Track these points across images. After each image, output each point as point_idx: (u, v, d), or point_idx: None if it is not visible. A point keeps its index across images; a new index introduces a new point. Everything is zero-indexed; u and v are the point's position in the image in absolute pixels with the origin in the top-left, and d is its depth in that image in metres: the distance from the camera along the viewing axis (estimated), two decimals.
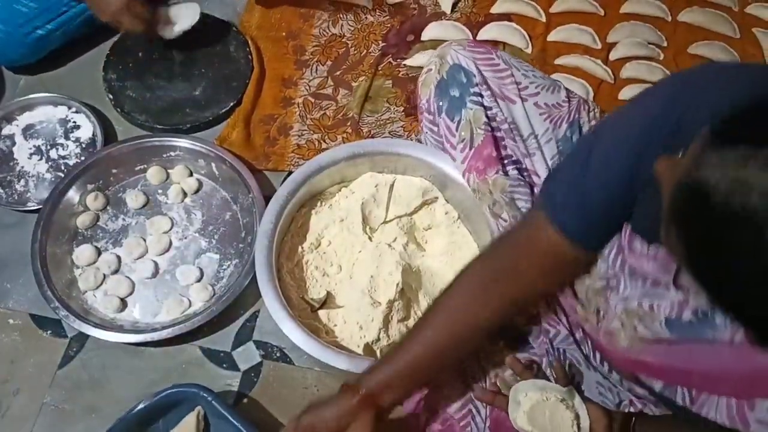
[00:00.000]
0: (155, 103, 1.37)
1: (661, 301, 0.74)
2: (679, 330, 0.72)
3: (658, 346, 0.76)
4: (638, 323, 0.76)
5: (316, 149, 1.34)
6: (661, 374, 0.78)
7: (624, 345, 0.80)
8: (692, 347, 0.72)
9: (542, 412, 0.87)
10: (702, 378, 0.73)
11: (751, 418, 0.68)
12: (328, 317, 1.11)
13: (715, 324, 0.68)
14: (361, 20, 1.51)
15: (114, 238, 1.24)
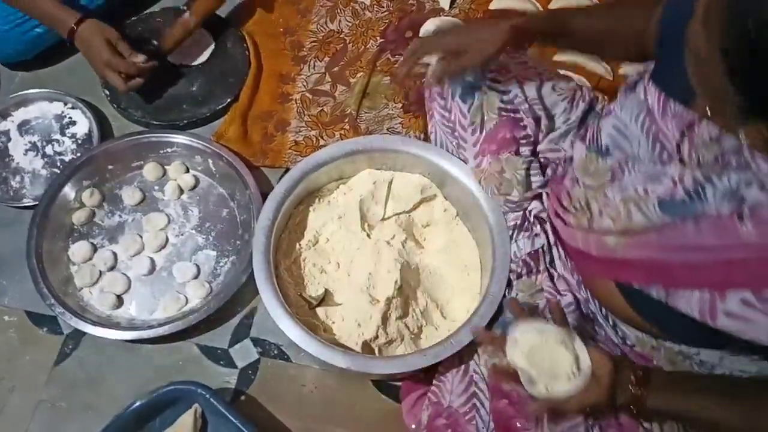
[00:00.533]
0: (151, 99, 1.36)
1: (657, 186, 0.76)
2: (671, 209, 0.74)
3: (645, 237, 0.77)
4: (634, 209, 0.78)
5: (313, 146, 1.33)
6: (641, 273, 0.79)
7: (611, 245, 0.82)
8: (678, 231, 0.73)
9: (540, 353, 0.84)
10: (680, 269, 0.74)
11: (720, 311, 0.70)
12: (326, 314, 1.10)
13: (706, 199, 0.71)
14: (359, 16, 1.50)
15: (110, 234, 1.24)
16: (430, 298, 1.14)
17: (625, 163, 0.81)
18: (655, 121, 0.78)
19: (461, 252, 1.18)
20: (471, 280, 1.15)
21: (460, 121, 1.11)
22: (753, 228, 0.67)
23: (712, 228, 0.70)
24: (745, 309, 0.68)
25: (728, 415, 0.76)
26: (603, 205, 0.84)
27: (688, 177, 0.73)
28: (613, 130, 0.85)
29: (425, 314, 1.13)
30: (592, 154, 0.88)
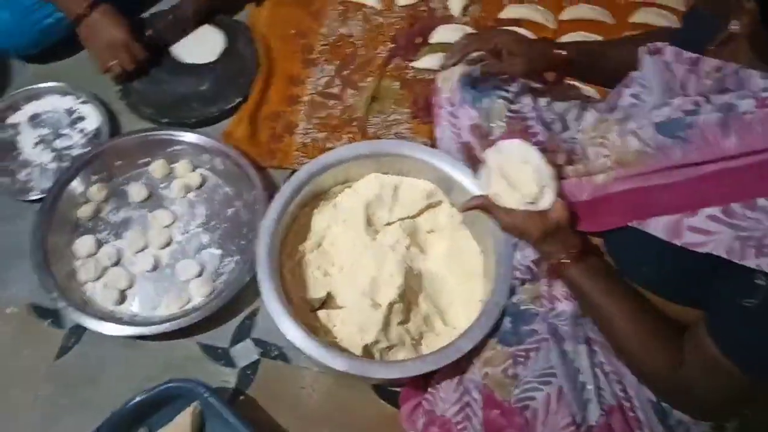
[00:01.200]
0: (161, 97, 1.37)
1: (658, 116, 0.79)
2: (666, 129, 0.76)
3: (634, 166, 0.80)
4: (631, 137, 0.80)
5: (320, 148, 1.34)
6: (622, 207, 0.82)
7: (600, 182, 0.84)
8: (666, 153, 0.76)
9: (512, 168, 0.92)
10: (659, 192, 0.77)
11: (684, 226, 0.73)
12: (328, 317, 1.10)
13: (699, 113, 0.74)
14: (371, 21, 1.51)
15: (115, 230, 1.24)
16: (432, 304, 1.14)
17: (633, 110, 0.84)
18: (669, 68, 0.82)
19: (465, 259, 1.17)
20: (474, 288, 1.15)
21: (469, 127, 1.11)
22: (735, 137, 0.70)
23: (697, 142, 0.73)
24: (710, 223, 0.71)
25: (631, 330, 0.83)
26: (600, 147, 0.86)
27: (689, 102, 0.76)
28: (633, 93, 0.88)
29: (427, 320, 1.12)
30: (603, 116, 0.90)
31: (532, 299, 1.02)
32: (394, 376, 0.99)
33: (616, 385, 0.91)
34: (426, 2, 1.53)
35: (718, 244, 0.70)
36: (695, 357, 0.76)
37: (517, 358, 0.95)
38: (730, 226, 0.69)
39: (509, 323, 1.01)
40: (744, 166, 0.70)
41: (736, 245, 0.68)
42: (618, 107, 0.89)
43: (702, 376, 0.75)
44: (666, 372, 0.79)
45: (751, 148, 0.69)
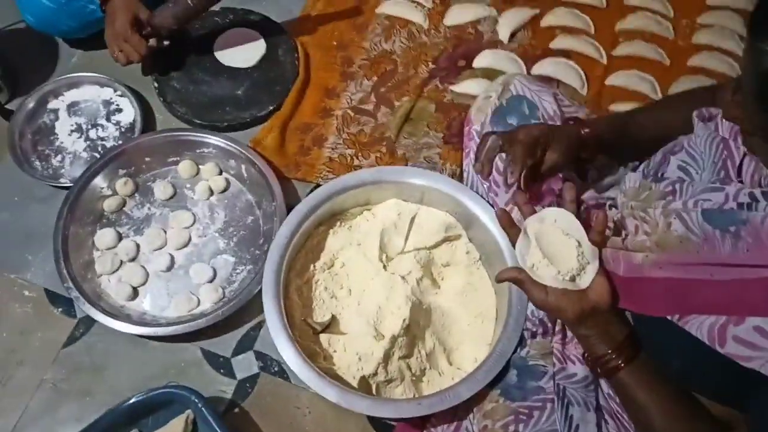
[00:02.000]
0: (197, 97, 1.37)
1: (708, 201, 0.74)
2: (714, 218, 0.72)
3: (676, 253, 0.74)
4: (675, 220, 0.75)
5: (347, 165, 1.32)
6: (661, 295, 0.76)
7: (638, 262, 0.78)
8: (713, 245, 0.71)
9: (552, 239, 0.84)
10: (703, 289, 0.71)
11: (729, 335, 0.67)
12: (329, 342, 1.09)
13: (755, 209, 0.69)
14: (415, 39, 1.48)
15: (137, 225, 1.26)
16: (439, 341, 1.11)
17: (680, 185, 0.79)
18: (727, 146, 0.77)
19: (478, 298, 1.14)
20: (484, 329, 1.12)
21: (497, 165, 1.07)
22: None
23: (749, 241, 0.67)
24: (757, 336, 0.66)
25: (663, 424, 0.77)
26: (641, 221, 0.81)
27: (744, 193, 0.71)
28: (683, 162, 0.83)
29: (431, 357, 1.10)
30: (648, 182, 0.85)
31: (542, 355, 0.98)
32: (385, 415, 0.98)
33: None
34: (474, 25, 1.49)
35: (765, 363, 0.64)
36: None
37: (520, 415, 0.92)
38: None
39: (515, 377, 0.97)
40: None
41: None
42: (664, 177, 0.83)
43: None
44: None
45: None
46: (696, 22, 1.49)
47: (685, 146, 0.85)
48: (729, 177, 0.77)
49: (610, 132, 0.95)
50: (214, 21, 1.45)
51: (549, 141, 0.91)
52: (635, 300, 0.81)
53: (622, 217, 0.86)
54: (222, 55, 1.41)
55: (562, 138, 0.92)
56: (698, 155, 0.83)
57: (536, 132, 0.91)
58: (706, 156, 0.81)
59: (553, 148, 0.91)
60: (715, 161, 0.79)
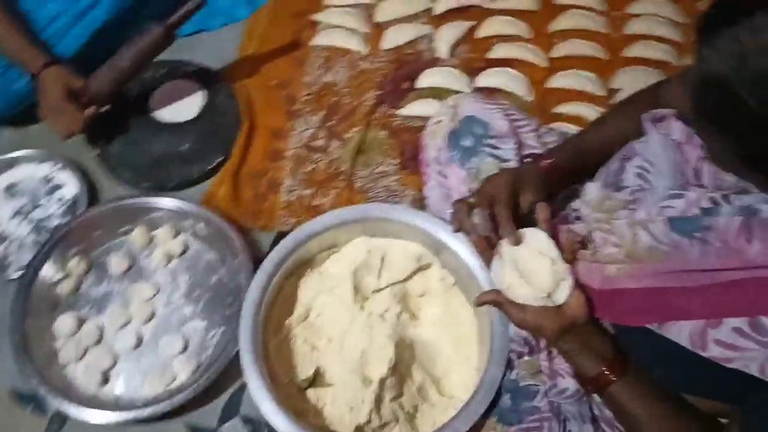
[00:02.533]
0: (140, 159, 1.32)
1: (670, 208, 0.75)
2: (680, 226, 0.72)
3: (647, 264, 0.75)
4: (641, 231, 0.75)
5: (306, 207, 1.29)
6: (638, 305, 0.77)
7: (612, 274, 0.79)
8: (683, 252, 0.71)
9: (525, 259, 0.85)
10: (678, 297, 0.71)
11: (710, 339, 0.68)
12: (317, 397, 1.05)
13: (719, 213, 0.69)
14: (355, 67, 1.46)
15: (96, 305, 1.20)
16: (426, 373, 1.09)
17: (641, 194, 0.79)
18: (683, 150, 0.77)
19: (458, 323, 1.12)
20: (469, 353, 1.10)
21: (458, 188, 1.07)
22: (760, 244, 0.65)
23: (717, 245, 0.68)
24: (738, 337, 0.66)
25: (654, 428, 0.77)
26: (608, 233, 0.81)
27: (706, 198, 0.71)
28: (639, 168, 0.83)
29: (421, 391, 1.07)
30: (608, 191, 0.85)
31: (531, 374, 0.97)
32: None
33: None
34: (413, 45, 1.48)
35: (748, 362, 0.65)
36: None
37: None
38: (761, 344, 0.64)
39: (509, 400, 0.97)
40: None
41: None
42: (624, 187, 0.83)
43: None
44: None
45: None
46: (627, 12, 1.51)
47: (639, 152, 0.85)
48: (688, 182, 0.77)
49: (570, 161, 0.95)
50: (147, 77, 1.40)
51: (519, 185, 0.91)
52: (613, 312, 0.82)
53: (589, 231, 0.86)
54: (160, 112, 1.37)
55: (530, 178, 0.92)
56: (654, 160, 0.83)
57: (505, 183, 0.90)
58: (662, 161, 0.81)
59: (525, 190, 0.90)
60: (672, 167, 0.80)
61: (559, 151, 0.98)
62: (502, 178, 0.92)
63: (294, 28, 1.52)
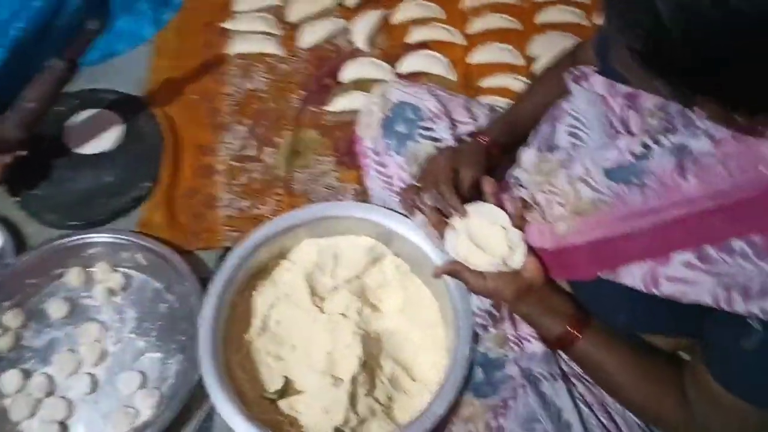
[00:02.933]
0: (64, 198, 1.25)
1: (604, 159, 0.75)
2: (617, 175, 0.73)
3: (593, 216, 0.76)
4: (581, 185, 0.77)
5: (248, 217, 1.26)
6: (589, 258, 0.78)
7: (562, 232, 0.80)
8: (624, 200, 0.72)
9: (478, 229, 0.88)
10: (625, 241, 0.73)
11: (662, 276, 0.70)
12: (290, 406, 1.03)
13: (652, 156, 0.70)
14: (276, 70, 1.44)
15: (41, 356, 1.13)
16: (396, 363, 1.08)
17: (574, 151, 0.81)
18: (606, 102, 0.78)
19: (421, 308, 1.12)
20: (435, 336, 1.10)
21: (399, 175, 1.07)
22: (694, 179, 0.66)
23: (655, 187, 0.70)
24: (687, 271, 0.67)
25: (633, 382, 0.80)
26: (551, 194, 0.82)
27: (636, 143, 0.72)
28: (569, 127, 0.84)
29: (393, 382, 1.06)
30: (543, 154, 0.86)
31: (499, 345, 0.98)
32: None
33: (603, 415, 0.89)
34: (330, 40, 1.47)
35: (701, 293, 0.66)
36: (705, 401, 0.73)
37: (497, 409, 0.91)
38: (710, 273, 0.66)
39: (481, 374, 0.97)
40: (710, 209, 0.66)
41: (720, 292, 0.65)
42: (557, 146, 0.84)
43: (715, 417, 0.73)
44: (677, 415, 0.77)
45: (714, 189, 0.65)
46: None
47: (567, 111, 0.87)
48: (617, 131, 0.79)
49: (506, 134, 0.98)
50: (58, 111, 1.33)
51: (458, 163, 0.93)
52: (568, 269, 0.84)
53: (532, 195, 0.87)
54: (79, 146, 1.30)
55: (469, 154, 0.95)
56: (582, 116, 0.84)
57: (444, 162, 0.93)
58: (589, 116, 0.83)
59: (465, 166, 0.93)
60: (599, 119, 0.81)
61: (495, 127, 1.01)
62: (441, 158, 0.94)
63: (205, 39, 1.48)
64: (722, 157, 0.65)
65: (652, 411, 0.81)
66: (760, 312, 0.62)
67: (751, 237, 0.63)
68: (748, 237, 0.63)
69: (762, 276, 0.62)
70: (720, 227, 0.65)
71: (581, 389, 0.91)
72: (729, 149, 0.64)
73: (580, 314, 0.84)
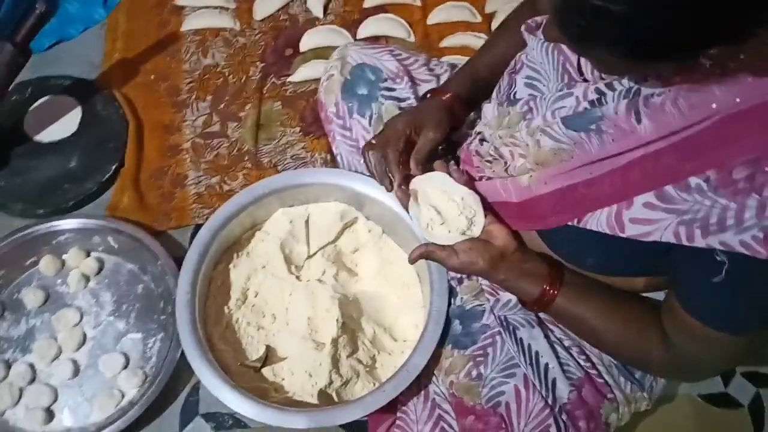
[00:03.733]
0: (29, 187, 1.24)
1: (562, 108, 0.76)
2: (574, 123, 0.74)
3: (554, 166, 0.78)
4: (541, 136, 0.78)
5: (218, 194, 1.25)
6: (554, 208, 0.80)
7: (526, 184, 0.82)
8: (583, 148, 0.74)
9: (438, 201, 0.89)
10: (587, 188, 0.75)
11: (626, 219, 0.72)
12: (274, 373, 1.04)
13: (606, 102, 0.72)
14: (233, 44, 1.42)
15: (21, 345, 1.13)
16: (376, 323, 1.10)
17: (534, 102, 0.81)
18: (561, 50, 0.79)
19: (396, 269, 1.14)
20: (413, 295, 1.12)
21: (364, 137, 1.07)
22: (648, 121, 0.68)
23: (611, 132, 0.71)
24: (648, 211, 0.69)
25: (615, 329, 0.82)
26: (513, 146, 0.83)
27: (591, 90, 0.73)
28: (528, 78, 0.85)
29: (375, 342, 1.09)
30: (504, 108, 0.87)
31: (474, 296, 1.00)
32: (357, 416, 0.95)
33: (580, 357, 0.92)
34: (285, 10, 1.45)
35: (663, 232, 0.68)
36: (686, 337, 0.75)
37: (477, 358, 0.94)
38: (670, 212, 0.68)
39: (459, 325, 0.99)
40: (665, 148, 0.68)
41: (681, 230, 0.67)
42: (517, 99, 0.85)
43: (697, 350, 0.75)
44: (662, 354, 0.79)
45: (668, 129, 0.67)
46: None
47: (525, 62, 0.88)
48: (573, 79, 0.80)
49: (468, 89, 0.97)
50: (15, 101, 1.31)
51: (418, 124, 0.93)
52: (534, 219, 0.85)
53: (495, 148, 0.89)
54: (38, 134, 1.28)
55: (430, 115, 0.94)
56: (539, 67, 0.85)
57: (401, 125, 0.93)
58: (546, 66, 0.84)
59: (426, 128, 0.93)
60: (555, 68, 0.82)
61: (456, 81, 1.00)
62: (400, 121, 0.94)
63: (158, 18, 1.45)
64: (673, 97, 0.66)
65: (637, 355, 0.83)
66: (720, 245, 0.64)
67: (705, 173, 0.65)
68: (704, 173, 0.65)
69: (718, 210, 0.64)
70: (676, 166, 0.67)
71: (558, 334, 0.93)
72: (679, 89, 0.66)
73: (554, 273, 0.85)
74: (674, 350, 0.77)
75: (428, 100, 1.00)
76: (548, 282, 0.84)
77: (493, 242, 0.86)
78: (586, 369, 0.91)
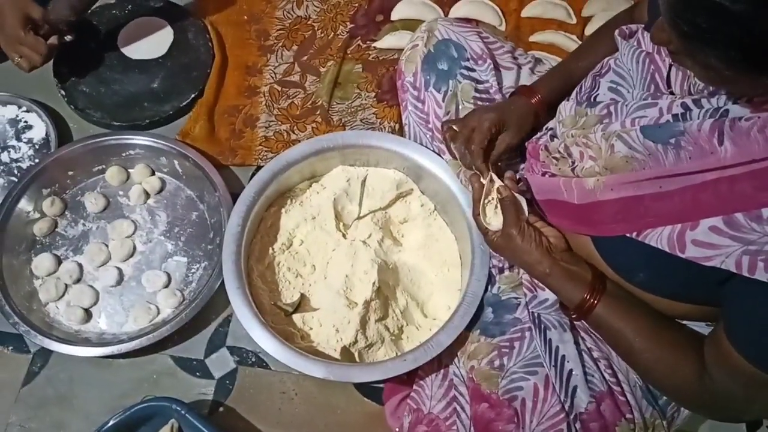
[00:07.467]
0: (111, 98, 1.29)
1: (644, 117, 0.75)
2: (654, 133, 0.73)
3: (624, 174, 0.76)
4: (616, 141, 0.76)
5: (284, 141, 1.28)
6: (615, 217, 0.79)
7: (591, 187, 0.80)
8: (657, 160, 0.73)
9: None
10: (654, 202, 0.73)
11: (688, 240, 0.70)
12: (303, 321, 1.06)
13: (690, 117, 0.70)
14: (328, 0, 1.43)
15: (74, 245, 1.18)
16: (410, 296, 1.11)
17: (614, 107, 0.80)
18: (653, 60, 0.78)
19: (440, 248, 1.14)
20: (451, 276, 1.12)
21: (435, 112, 1.07)
22: (730, 144, 0.66)
23: (690, 149, 0.69)
24: (714, 236, 0.67)
25: (650, 348, 0.80)
26: (584, 147, 0.82)
27: (677, 104, 0.72)
28: (612, 83, 0.84)
29: (405, 314, 1.09)
30: (582, 108, 0.86)
31: (512, 288, 0.99)
32: (374, 378, 0.97)
33: (606, 370, 0.90)
34: None
35: (725, 258, 0.66)
36: (725, 370, 0.72)
37: (502, 349, 0.93)
38: (736, 240, 0.66)
39: (491, 314, 0.98)
40: (743, 175, 0.65)
41: (744, 260, 0.65)
42: (597, 101, 0.83)
43: (734, 387, 0.72)
44: (695, 385, 0.76)
45: (749, 156, 0.64)
46: None
47: (612, 66, 0.86)
48: (659, 90, 0.78)
49: (558, 92, 0.97)
50: (113, 14, 1.37)
51: (502, 125, 0.95)
52: (590, 224, 0.84)
53: (566, 146, 0.87)
54: (129, 50, 1.33)
55: (516, 118, 0.96)
56: (626, 73, 0.84)
57: (487, 123, 0.94)
58: (634, 73, 0.82)
59: (508, 131, 0.95)
60: (643, 77, 0.81)
61: (547, 83, 1.00)
62: (487, 118, 0.95)
63: None
64: (762, 125, 0.64)
65: (670, 381, 0.80)
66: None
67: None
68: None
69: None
70: (751, 194, 0.65)
71: (589, 343, 0.91)
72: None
73: (597, 282, 0.84)
74: (710, 383, 0.74)
75: (516, 98, 1.00)
76: (590, 290, 0.83)
77: (549, 237, 0.87)
78: (610, 384, 0.89)
